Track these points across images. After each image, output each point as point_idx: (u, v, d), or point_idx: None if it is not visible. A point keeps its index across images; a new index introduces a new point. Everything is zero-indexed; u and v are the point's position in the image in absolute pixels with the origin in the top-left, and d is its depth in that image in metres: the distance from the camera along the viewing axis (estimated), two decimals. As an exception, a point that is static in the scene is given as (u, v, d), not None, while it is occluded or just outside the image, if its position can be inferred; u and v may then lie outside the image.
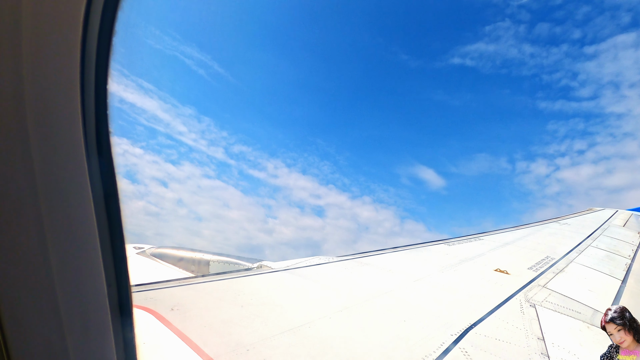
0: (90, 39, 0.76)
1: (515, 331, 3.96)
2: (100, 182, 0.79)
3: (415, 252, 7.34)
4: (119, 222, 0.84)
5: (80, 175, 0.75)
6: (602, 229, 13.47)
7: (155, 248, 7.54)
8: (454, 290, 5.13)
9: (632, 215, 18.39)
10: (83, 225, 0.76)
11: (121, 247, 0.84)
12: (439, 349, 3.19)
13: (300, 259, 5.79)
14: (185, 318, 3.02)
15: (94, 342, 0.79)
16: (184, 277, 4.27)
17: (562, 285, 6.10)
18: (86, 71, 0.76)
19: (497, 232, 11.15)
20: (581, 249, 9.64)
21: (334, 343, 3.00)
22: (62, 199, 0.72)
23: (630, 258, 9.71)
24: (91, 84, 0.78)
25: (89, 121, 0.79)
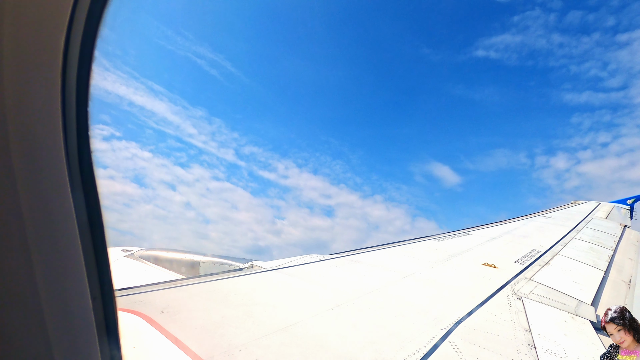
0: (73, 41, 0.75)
1: (503, 324, 4.04)
2: (81, 187, 0.79)
3: (405, 249, 7.42)
4: (101, 227, 0.83)
5: (60, 179, 0.74)
6: (585, 221, 13.83)
7: (144, 250, 7.44)
8: (444, 285, 5.20)
9: (614, 207, 18.92)
10: (64, 231, 0.75)
11: (103, 249, 0.84)
12: (429, 343, 3.24)
13: (291, 258, 5.79)
14: (176, 320, 3.00)
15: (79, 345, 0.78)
16: (173, 279, 4.23)
17: (548, 278, 6.25)
18: (68, 71, 0.75)
19: (485, 227, 11.34)
20: (566, 241, 9.88)
21: (326, 341, 3.02)
22: (42, 203, 0.71)
23: (612, 249, 10.00)
24: (72, 85, 0.77)
25: (70, 129, 0.78)
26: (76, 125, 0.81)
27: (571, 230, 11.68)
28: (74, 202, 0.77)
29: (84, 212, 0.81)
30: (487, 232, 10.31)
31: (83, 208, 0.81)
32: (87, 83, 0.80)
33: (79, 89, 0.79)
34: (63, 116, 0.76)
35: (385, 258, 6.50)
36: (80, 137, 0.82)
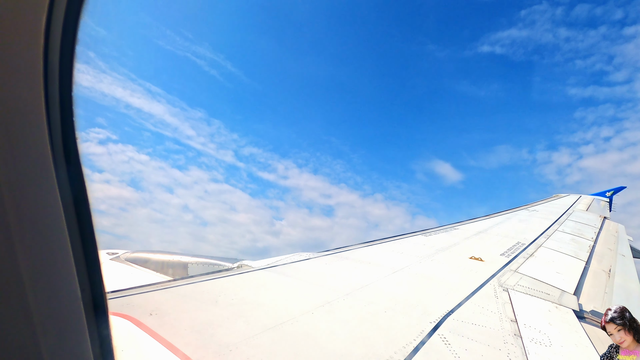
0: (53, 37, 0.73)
1: (490, 315, 4.13)
2: (69, 187, 0.77)
3: (394, 244, 7.49)
4: (91, 227, 0.82)
5: (47, 180, 0.72)
6: (567, 213, 14.23)
7: (130, 253, 7.30)
8: (432, 279, 5.28)
9: (594, 199, 19.52)
10: (53, 231, 0.73)
11: (94, 251, 0.82)
12: (419, 336, 3.29)
13: (281, 257, 5.78)
14: (164, 322, 2.96)
15: (70, 347, 0.77)
16: (161, 281, 4.17)
17: (532, 269, 6.41)
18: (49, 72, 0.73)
19: (472, 221, 11.55)
20: (549, 233, 10.15)
21: (317, 338, 3.03)
22: (29, 205, 0.69)
23: (593, 240, 10.32)
24: (55, 85, 0.75)
25: (54, 124, 0.76)
26: (61, 125, 0.79)
27: (554, 222, 12.01)
28: (62, 202, 0.75)
29: (73, 213, 0.79)
30: (473, 227, 10.50)
31: (71, 208, 0.79)
32: (70, 79, 0.78)
33: (62, 86, 0.77)
34: (47, 116, 0.74)
35: (375, 254, 6.56)
36: (65, 137, 0.80)
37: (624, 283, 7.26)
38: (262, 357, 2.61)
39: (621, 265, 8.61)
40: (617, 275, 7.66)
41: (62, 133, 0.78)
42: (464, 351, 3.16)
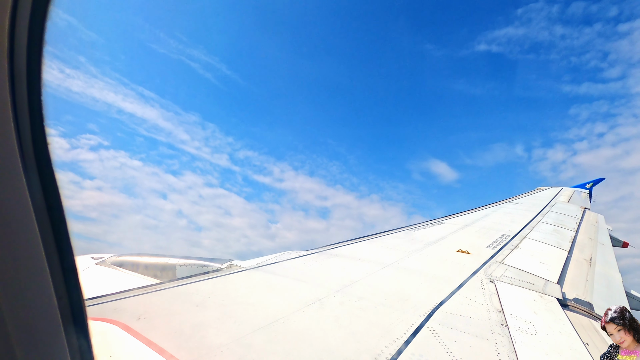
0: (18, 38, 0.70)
1: (477, 306, 4.22)
2: (40, 192, 0.74)
3: (383, 240, 7.56)
4: (66, 232, 0.80)
5: (17, 186, 0.70)
6: (550, 205, 14.61)
7: (116, 256, 7.15)
8: (421, 273, 5.35)
9: (574, 191, 20.10)
10: (24, 238, 0.71)
11: (70, 256, 0.80)
12: (409, 330, 3.33)
13: (271, 256, 5.76)
14: (153, 326, 2.92)
15: (48, 358, 0.75)
16: (149, 284, 4.09)
17: (517, 260, 6.56)
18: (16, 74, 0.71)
19: (458, 215, 11.74)
20: (532, 225, 10.41)
21: (308, 335, 3.03)
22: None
23: (574, 230, 10.64)
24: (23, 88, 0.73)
25: (23, 128, 0.73)
26: (30, 129, 0.76)
27: (537, 214, 12.31)
28: (34, 208, 0.73)
29: (46, 218, 0.77)
30: (460, 220, 10.67)
31: (44, 214, 0.76)
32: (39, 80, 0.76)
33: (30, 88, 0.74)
34: (15, 120, 0.72)
35: (364, 250, 6.60)
36: (36, 141, 0.77)
37: (605, 271, 7.51)
38: (253, 357, 2.60)
39: (601, 254, 8.91)
40: (598, 263, 7.92)
41: (32, 137, 0.76)
42: (453, 342, 3.22)
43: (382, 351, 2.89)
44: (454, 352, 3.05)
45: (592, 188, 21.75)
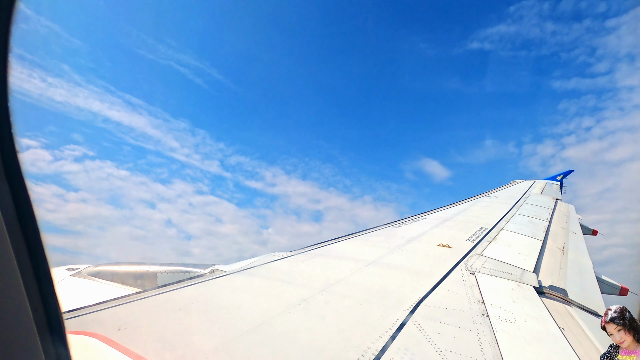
0: None
1: (459, 298, 4.33)
2: (11, 203, 0.71)
3: (365, 237, 7.63)
4: (39, 242, 0.76)
5: None
6: (524, 198, 15.15)
7: (92, 267, 6.89)
8: (404, 268, 5.44)
9: (547, 183, 20.93)
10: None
11: (44, 268, 0.77)
12: (394, 325, 3.38)
13: (254, 258, 5.70)
14: (135, 336, 2.83)
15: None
16: (129, 294, 3.97)
17: (496, 252, 6.78)
18: None
19: (438, 210, 12.00)
20: (509, 217, 10.77)
21: (295, 336, 3.03)
22: None
23: (547, 221, 11.08)
24: None
25: None
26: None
27: (512, 206, 12.75)
28: (5, 220, 0.70)
29: (18, 230, 0.73)
30: (440, 215, 10.91)
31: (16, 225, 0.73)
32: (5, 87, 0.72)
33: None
34: None
35: (348, 248, 6.64)
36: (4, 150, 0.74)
37: (576, 258, 7.87)
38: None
39: (573, 242, 9.32)
40: (570, 251, 8.29)
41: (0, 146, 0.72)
42: (437, 335, 3.29)
43: (369, 347, 2.92)
44: (439, 344, 3.12)
45: (562, 180, 22.71)
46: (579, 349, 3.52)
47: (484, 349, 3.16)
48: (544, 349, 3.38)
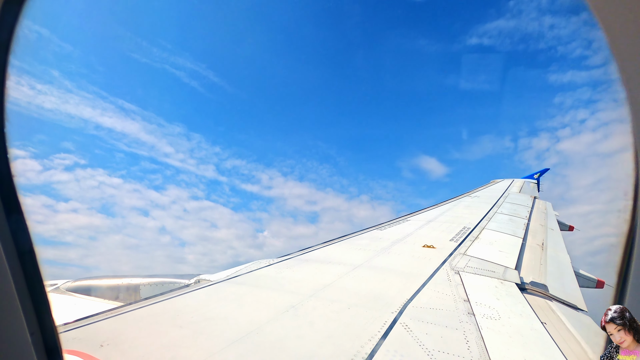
0: None
1: (445, 298, 4.40)
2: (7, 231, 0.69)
3: (351, 241, 7.66)
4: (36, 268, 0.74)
5: None
6: (504, 196, 15.57)
7: (71, 282, 6.64)
8: (391, 270, 5.49)
9: (525, 182, 21.59)
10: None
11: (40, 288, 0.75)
12: (383, 327, 3.40)
13: (241, 267, 5.63)
14: (119, 352, 2.75)
15: None
16: (110, 308, 3.85)
17: (479, 250, 6.93)
18: None
19: (422, 212, 12.18)
20: (490, 216, 11.03)
21: (284, 343, 3.00)
22: None
23: (527, 218, 11.41)
24: None
25: None
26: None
27: (493, 205, 13.07)
28: None
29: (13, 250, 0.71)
30: (423, 216, 11.08)
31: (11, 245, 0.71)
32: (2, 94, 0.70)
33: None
34: None
35: (334, 253, 6.65)
36: None
37: (555, 254, 8.12)
38: (229, 372, 2.53)
39: (551, 238, 9.63)
40: (549, 247, 8.55)
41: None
42: (425, 335, 3.33)
43: (358, 351, 2.92)
44: (427, 344, 3.16)
45: (539, 178, 23.49)
46: (560, 343, 3.63)
47: (470, 347, 3.22)
48: (528, 344, 3.47)
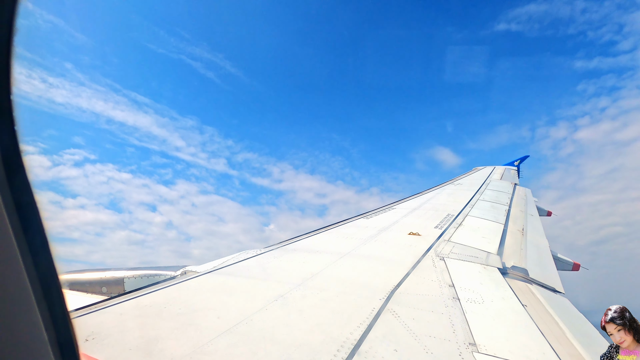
0: None
1: (431, 284, 4.49)
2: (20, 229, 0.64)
3: (338, 230, 7.71)
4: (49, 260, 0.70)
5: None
6: (485, 183, 15.92)
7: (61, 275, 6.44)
8: (377, 258, 5.56)
9: (505, 169, 22.11)
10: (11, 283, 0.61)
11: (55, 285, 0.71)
12: (371, 314, 3.46)
13: (228, 257, 5.59)
14: (104, 347, 2.69)
15: None
16: (94, 302, 3.76)
17: (462, 237, 7.09)
18: None
19: (407, 200, 12.34)
20: (473, 203, 11.28)
21: (274, 333, 3.01)
22: None
23: (507, 205, 11.72)
24: None
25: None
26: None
27: (476, 193, 13.36)
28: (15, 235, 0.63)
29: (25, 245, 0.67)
30: (409, 204, 11.23)
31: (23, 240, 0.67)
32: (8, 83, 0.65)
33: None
34: None
35: (322, 242, 6.68)
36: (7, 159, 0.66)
37: (534, 239, 8.41)
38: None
39: (531, 224, 9.94)
40: (529, 232, 8.84)
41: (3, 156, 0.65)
42: (412, 320, 3.40)
43: (347, 338, 2.96)
44: (414, 329, 3.23)
45: (519, 165, 24.11)
46: (540, 323, 3.78)
47: (456, 330, 3.31)
48: (510, 326, 3.60)
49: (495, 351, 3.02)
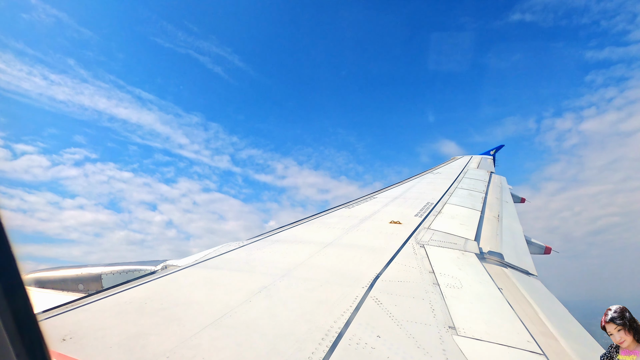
0: None
1: (412, 271, 4.60)
2: None
3: (321, 220, 7.74)
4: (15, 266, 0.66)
5: None
6: (463, 172, 16.33)
7: (26, 274, 6.19)
8: (360, 247, 5.63)
9: (482, 158, 22.74)
10: None
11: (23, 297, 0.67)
12: (355, 302, 3.51)
13: (209, 250, 5.52)
14: (83, 346, 2.62)
15: None
16: (71, 300, 3.64)
17: (441, 224, 7.27)
18: None
19: (388, 189, 12.51)
20: (451, 191, 11.56)
21: (259, 324, 3.01)
22: None
23: (484, 192, 12.09)
24: None
25: None
26: None
27: (454, 181, 13.70)
28: None
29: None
30: (389, 193, 11.40)
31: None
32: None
33: None
34: None
35: (304, 232, 6.70)
36: None
37: (509, 224, 8.73)
38: (204, 357, 2.51)
39: (506, 210, 10.31)
40: (504, 218, 9.16)
41: None
42: (394, 307, 3.48)
43: (332, 326, 3.00)
44: (396, 315, 3.31)
45: (495, 154, 24.86)
46: (515, 305, 3.95)
47: (436, 315, 3.41)
48: (487, 308, 3.75)
49: (473, 333, 3.14)
